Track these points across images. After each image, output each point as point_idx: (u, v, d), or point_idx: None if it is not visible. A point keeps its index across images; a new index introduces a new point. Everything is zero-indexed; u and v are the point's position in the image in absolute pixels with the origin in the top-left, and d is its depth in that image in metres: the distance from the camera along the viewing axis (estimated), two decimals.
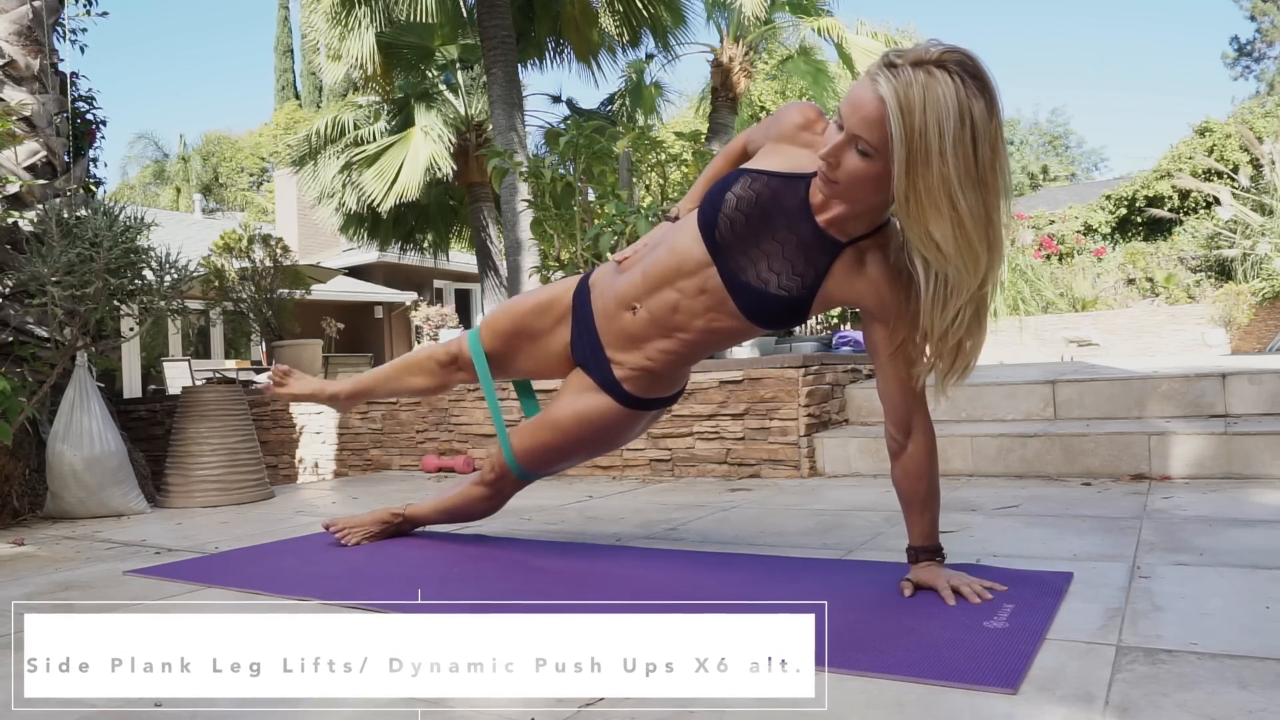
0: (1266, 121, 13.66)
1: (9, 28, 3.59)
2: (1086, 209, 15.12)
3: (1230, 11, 45.00)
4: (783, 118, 1.63)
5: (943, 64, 1.29)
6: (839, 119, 1.37)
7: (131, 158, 30.37)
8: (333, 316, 9.48)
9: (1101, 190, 16.31)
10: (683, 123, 14.90)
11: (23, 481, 3.30)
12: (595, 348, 1.84)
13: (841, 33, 9.39)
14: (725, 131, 9.18)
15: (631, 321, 1.75)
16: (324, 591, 1.75)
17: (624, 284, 1.76)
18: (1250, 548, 1.76)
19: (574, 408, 1.88)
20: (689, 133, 4.96)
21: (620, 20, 9.88)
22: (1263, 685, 1.06)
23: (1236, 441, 2.65)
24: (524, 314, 1.97)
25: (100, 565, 2.22)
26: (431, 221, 12.04)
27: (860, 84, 1.34)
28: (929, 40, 1.34)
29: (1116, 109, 63.22)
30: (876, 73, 1.32)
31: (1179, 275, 12.46)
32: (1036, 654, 1.21)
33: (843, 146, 1.37)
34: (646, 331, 1.75)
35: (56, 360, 3.29)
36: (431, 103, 10.74)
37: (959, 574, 1.52)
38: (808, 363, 3.40)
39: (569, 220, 4.41)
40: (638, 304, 1.73)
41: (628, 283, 1.75)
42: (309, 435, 4.71)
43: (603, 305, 1.82)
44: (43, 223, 3.31)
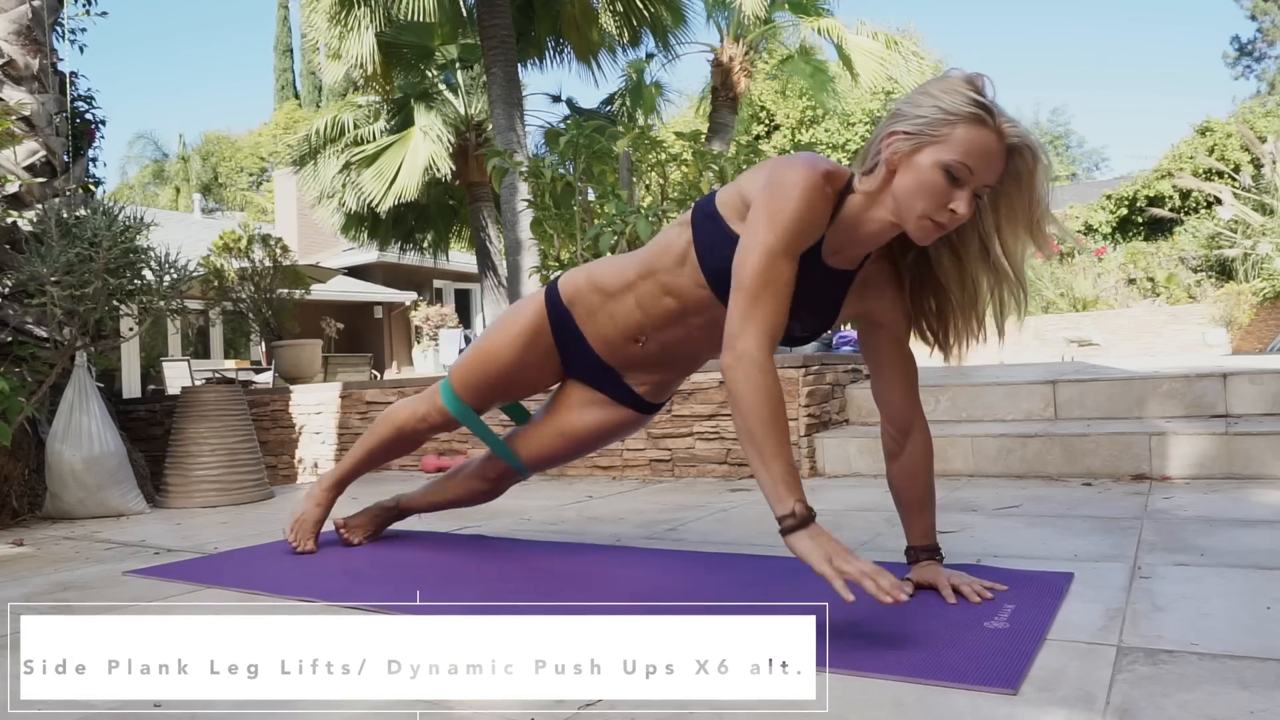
0: (1267, 121, 13.66)
1: (8, 27, 3.59)
2: (1087, 209, 15.12)
3: (1231, 11, 45.03)
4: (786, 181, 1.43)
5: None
6: (960, 172, 1.31)
7: (131, 157, 30.37)
8: (332, 316, 9.49)
9: (1102, 190, 16.31)
10: (683, 122, 14.90)
11: (22, 481, 3.30)
12: (602, 369, 1.82)
13: (841, 33, 9.38)
14: (725, 131, 9.18)
15: (641, 351, 1.73)
16: (324, 592, 1.75)
17: (623, 315, 1.70)
18: (1251, 548, 1.75)
19: (589, 420, 1.88)
20: (689, 132, 4.95)
21: (620, 20, 9.88)
22: (1264, 686, 1.06)
23: (1237, 442, 2.65)
24: (503, 368, 1.88)
25: (100, 565, 2.22)
26: (431, 221, 12.04)
27: (975, 134, 1.31)
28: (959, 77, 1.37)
29: (1117, 109, 63.27)
30: (985, 118, 1.32)
31: (1180, 275, 12.46)
32: (1037, 654, 1.20)
33: (972, 199, 1.35)
34: (660, 358, 1.75)
35: (56, 360, 3.29)
36: (431, 102, 10.73)
37: (959, 573, 1.52)
38: (808, 363, 3.40)
39: (569, 220, 4.40)
40: (643, 336, 1.71)
41: (627, 314, 1.69)
42: (308, 435, 4.70)
43: (600, 333, 1.76)
44: (42, 222, 3.31)
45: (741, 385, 1.33)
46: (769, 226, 1.36)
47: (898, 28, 11.13)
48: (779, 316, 1.37)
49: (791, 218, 1.36)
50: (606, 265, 1.78)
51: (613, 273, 1.73)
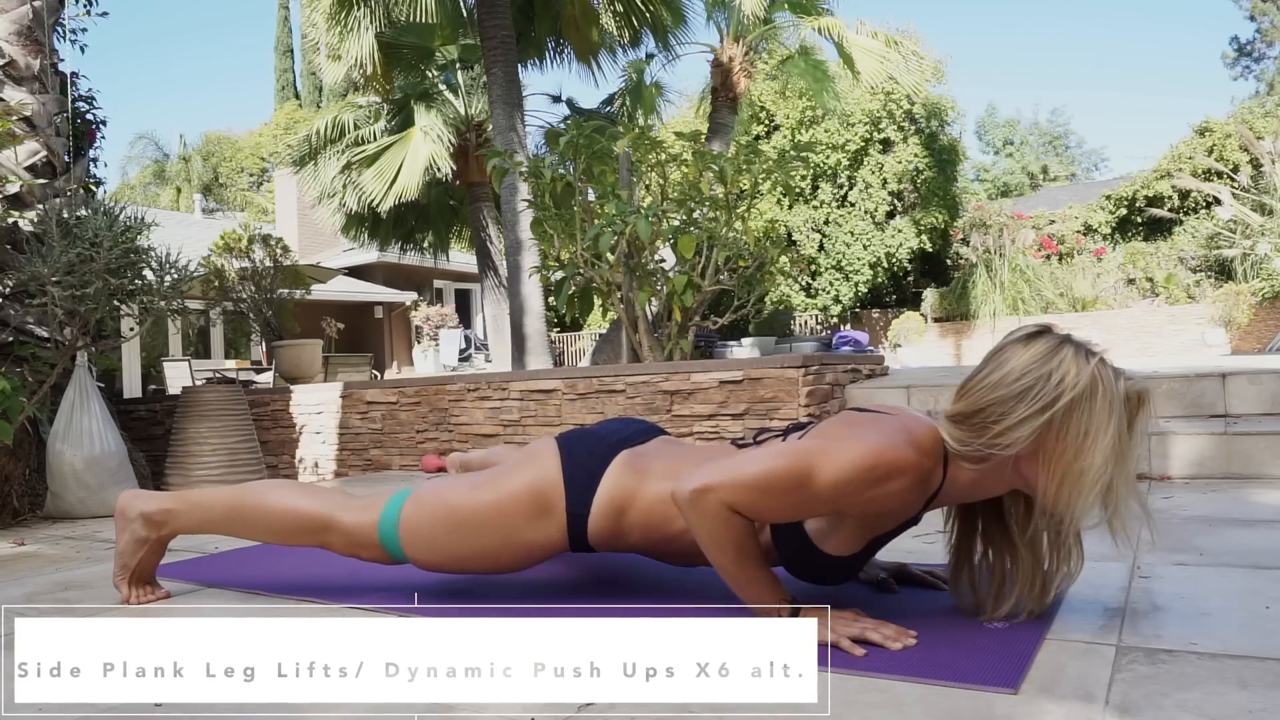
0: (1266, 121, 13.64)
1: (9, 28, 3.59)
2: (1086, 209, 15.11)
3: (1230, 11, 44.97)
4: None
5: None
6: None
7: (132, 158, 30.35)
8: (333, 316, 9.50)
9: (1101, 190, 16.29)
10: (683, 123, 14.89)
11: (23, 481, 3.30)
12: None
13: (842, 32, 9.37)
14: (725, 131, 9.17)
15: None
16: (323, 593, 1.75)
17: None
18: (1250, 548, 1.75)
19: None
20: (689, 133, 4.95)
21: (620, 20, 9.87)
22: (1263, 685, 1.06)
23: (1236, 441, 2.65)
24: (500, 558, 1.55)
25: (100, 565, 2.21)
26: (431, 221, 12.03)
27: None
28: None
29: (1116, 109, 63.20)
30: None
31: (1179, 275, 12.46)
32: (1037, 654, 1.21)
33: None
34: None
35: (57, 360, 3.29)
36: (431, 103, 10.73)
37: (909, 566, 1.64)
38: (808, 363, 3.40)
39: (569, 220, 4.40)
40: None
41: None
42: (309, 435, 4.70)
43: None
44: (43, 223, 3.31)
45: (709, 522, 1.25)
46: (824, 489, 1.23)
47: (898, 28, 11.13)
48: (749, 518, 1.26)
49: (845, 499, 1.25)
50: (651, 522, 1.48)
51: (660, 519, 1.47)
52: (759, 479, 1.24)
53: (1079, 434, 1.19)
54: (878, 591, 1.56)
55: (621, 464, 1.49)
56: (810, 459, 1.24)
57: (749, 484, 1.24)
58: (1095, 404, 1.19)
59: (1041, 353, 1.24)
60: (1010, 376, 1.23)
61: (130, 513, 1.72)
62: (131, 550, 1.73)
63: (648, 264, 4.42)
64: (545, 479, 1.50)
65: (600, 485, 1.48)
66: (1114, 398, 1.20)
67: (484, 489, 1.52)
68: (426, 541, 1.54)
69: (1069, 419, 1.19)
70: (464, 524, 1.51)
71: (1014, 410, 1.21)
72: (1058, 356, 1.23)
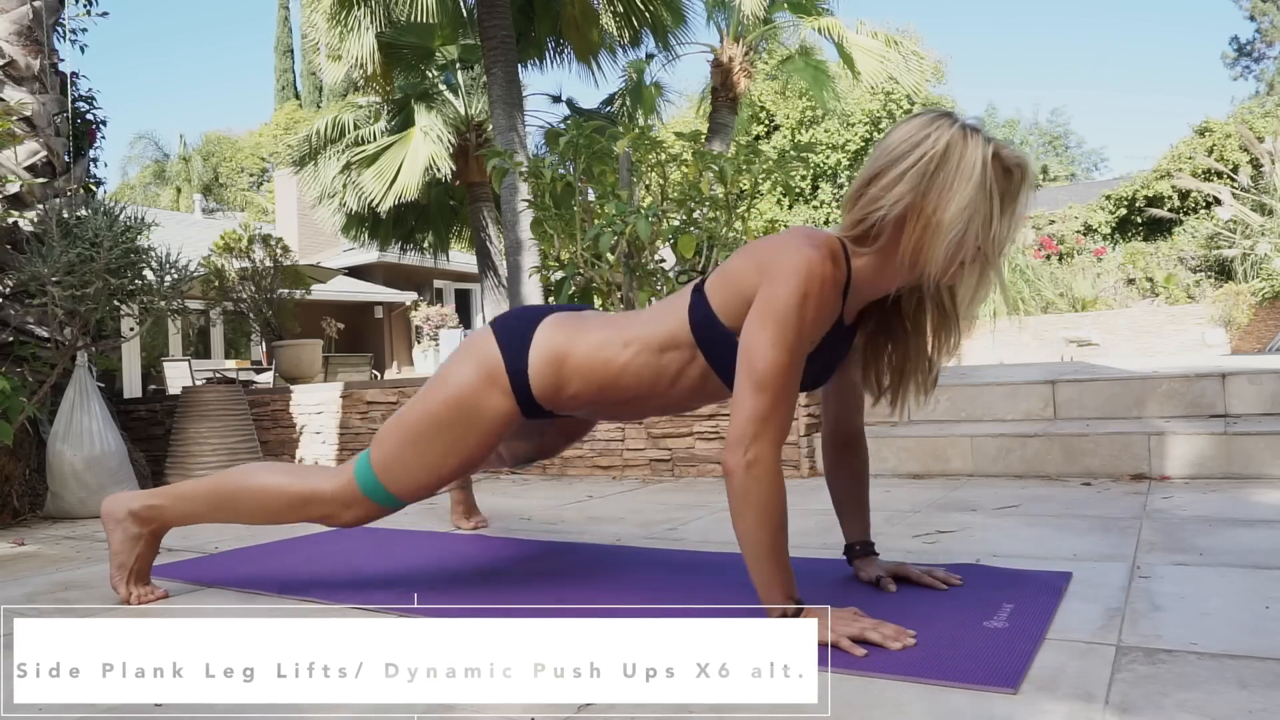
0: (1266, 121, 13.65)
1: (9, 28, 3.59)
2: (1086, 209, 15.12)
3: (1230, 11, 44.99)
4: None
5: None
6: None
7: (132, 158, 30.37)
8: (333, 316, 9.51)
9: (1101, 190, 16.30)
10: (683, 123, 14.90)
11: (23, 481, 3.30)
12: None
13: (842, 32, 9.38)
14: (725, 131, 9.17)
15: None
16: (323, 593, 1.75)
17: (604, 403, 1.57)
18: (1250, 548, 1.75)
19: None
20: (689, 133, 4.95)
21: (620, 20, 9.87)
22: (1263, 685, 1.06)
23: (1236, 441, 2.65)
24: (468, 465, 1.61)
25: (101, 565, 2.21)
26: (431, 221, 12.04)
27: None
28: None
29: (1116, 109, 63.25)
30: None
31: (1179, 275, 12.46)
32: (1037, 654, 1.21)
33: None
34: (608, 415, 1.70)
35: (57, 360, 3.29)
36: (431, 103, 10.73)
37: (915, 565, 1.63)
38: None
39: (569, 220, 4.40)
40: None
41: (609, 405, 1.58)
42: (309, 435, 4.70)
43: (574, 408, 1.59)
44: (43, 223, 3.31)
45: (757, 490, 1.29)
46: (795, 327, 1.30)
47: (898, 28, 11.14)
48: (791, 417, 1.34)
49: (809, 320, 1.31)
50: (591, 366, 1.52)
51: (599, 373, 1.52)
52: (783, 381, 1.29)
53: (940, 189, 1.28)
54: (877, 591, 1.57)
55: (551, 323, 1.56)
56: (778, 317, 1.29)
57: (780, 402, 1.30)
58: (958, 162, 1.28)
59: (918, 124, 1.33)
60: (889, 146, 1.34)
61: (118, 513, 1.74)
62: (127, 548, 1.75)
63: (648, 264, 4.42)
64: (482, 351, 1.56)
65: (534, 341, 1.53)
66: (979, 160, 1.28)
67: (431, 390, 1.58)
68: (401, 466, 1.57)
69: (934, 178, 1.29)
70: (425, 430, 1.56)
71: (887, 173, 1.32)
72: (933, 125, 1.32)
